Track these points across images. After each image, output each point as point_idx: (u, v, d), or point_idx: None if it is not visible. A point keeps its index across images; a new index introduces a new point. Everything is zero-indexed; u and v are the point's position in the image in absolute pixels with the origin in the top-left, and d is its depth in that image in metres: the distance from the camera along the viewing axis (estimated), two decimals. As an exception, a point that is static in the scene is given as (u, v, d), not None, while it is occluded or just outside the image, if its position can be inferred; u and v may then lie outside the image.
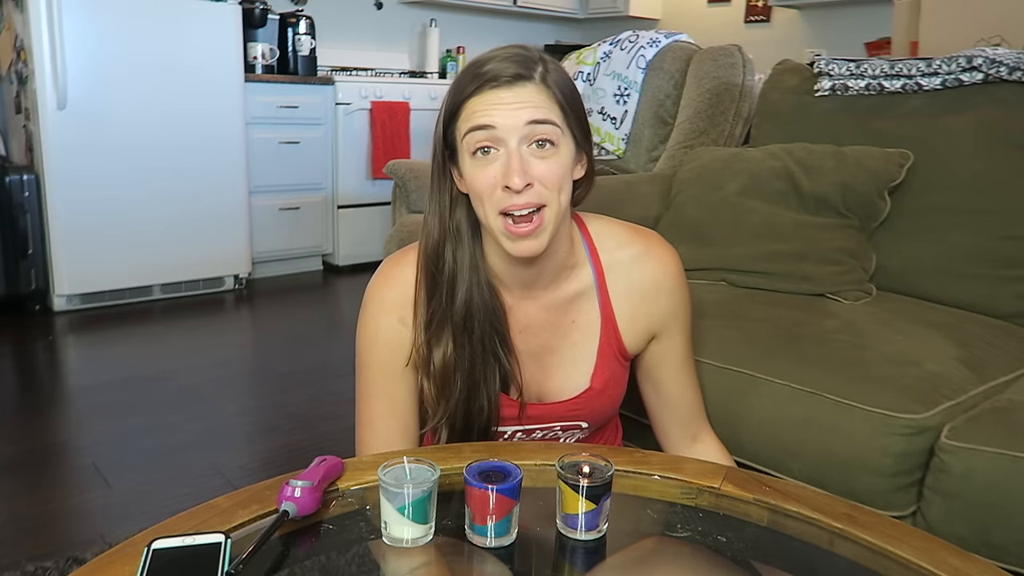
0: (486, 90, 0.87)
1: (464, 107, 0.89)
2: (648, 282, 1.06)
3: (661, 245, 1.08)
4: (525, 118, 0.87)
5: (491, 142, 0.89)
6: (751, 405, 1.26)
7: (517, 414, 1.05)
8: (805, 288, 1.57)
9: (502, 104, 0.87)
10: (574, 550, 0.80)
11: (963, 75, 1.67)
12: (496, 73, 0.87)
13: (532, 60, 0.90)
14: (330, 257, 4.05)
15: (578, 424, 1.10)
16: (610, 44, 2.51)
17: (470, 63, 0.91)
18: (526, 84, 0.88)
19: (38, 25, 2.84)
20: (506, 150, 0.88)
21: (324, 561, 0.77)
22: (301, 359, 2.74)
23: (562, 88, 0.90)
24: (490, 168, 0.89)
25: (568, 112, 0.91)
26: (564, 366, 1.06)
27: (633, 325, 1.06)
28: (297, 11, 4.01)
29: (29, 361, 2.65)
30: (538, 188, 0.89)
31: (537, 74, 0.89)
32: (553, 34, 5.55)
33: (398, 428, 1.05)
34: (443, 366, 0.99)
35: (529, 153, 0.89)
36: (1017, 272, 1.50)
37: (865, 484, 1.15)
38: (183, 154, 3.27)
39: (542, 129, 0.88)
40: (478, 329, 0.99)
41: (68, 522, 1.67)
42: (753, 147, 1.92)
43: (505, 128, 0.87)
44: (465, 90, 0.89)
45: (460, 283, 0.98)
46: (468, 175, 0.92)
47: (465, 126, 0.89)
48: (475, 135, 0.89)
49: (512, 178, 0.87)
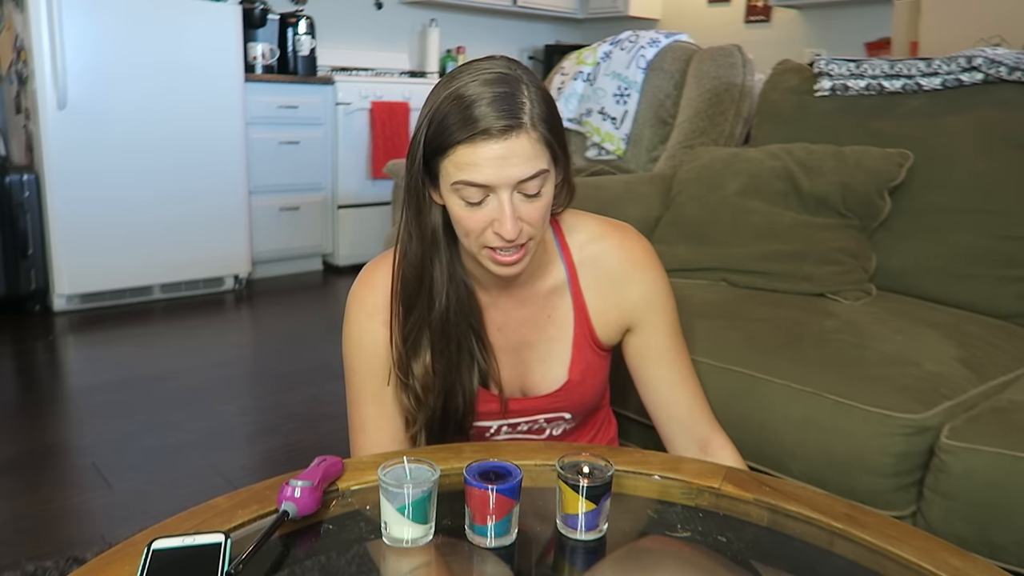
0: (477, 141, 0.86)
1: (453, 151, 0.87)
2: (617, 272, 1.06)
3: (631, 237, 1.09)
4: (517, 176, 0.87)
5: (482, 194, 0.89)
6: (751, 405, 1.26)
7: (499, 409, 1.07)
8: (805, 288, 1.57)
9: (494, 159, 0.86)
10: (574, 550, 0.80)
11: (963, 75, 1.67)
12: (487, 125, 0.85)
13: (519, 99, 0.87)
14: (330, 257, 4.05)
15: (561, 416, 1.11)
16: (610, 44, 2.51)
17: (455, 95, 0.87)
18: (518, 135, 0.86)
19: (38, 25, 2.84)
20: (496, 199, 0.89)
21: (324, 561, 0.77)
22: (301, 359, 2.74)
23: (547, 121, 0.89)
24: (480, 212, 0.90)
25: (554, 146, 0.91)
26: (542, 360, 1.08)
27: (604, 316, 1.07)
28: (297, 11, 4.01)
29: (29, 361, 2.65)
30: (524, 227, 0.91)
31: (526, 118, 0.87)
32: (553, 34, 5.55)
33: (390, 430, 1.06)
34: (423, 375, 1.01)
35: (518, 199, 0.90)
36: (1017, 272, 1.50)
37: (865, 484, 1.15)
38: (183, 154, 3.27)
39: (532, 182, 0.89)
40: (455, 333, 1.01)
41: (68, 522, 1.67)
42: (753, 147, 1.92)
43: (498, 183, 0.88)
44: (454, 135, 0.87)
45: (437, 293, 0.99)
46: (456, 214, 0.92)
47: (457, 175, 0.88)
48: (466, 190, 0.88)
49: (505, 227, 0.88)
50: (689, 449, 1.11)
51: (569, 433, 1.16)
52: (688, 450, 1.11)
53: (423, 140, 0.91)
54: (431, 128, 0.90)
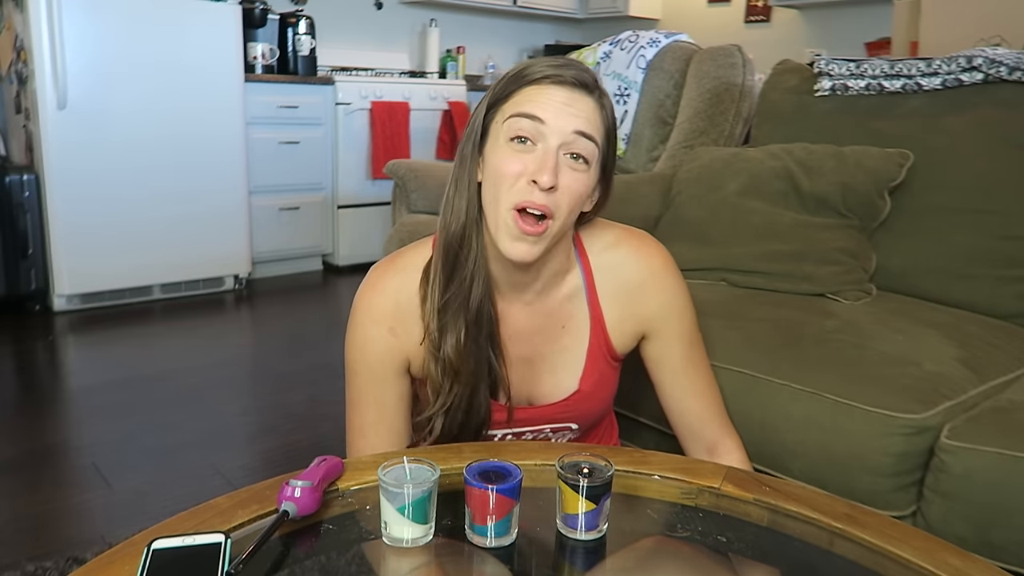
0: (547, 84, 0.88)
1: (519, 92, 0.89)
2: (634, 281, 1.05)
3: (650, 245, 1.08)
4: (575, 126, 0.88)
5: (533, 135, 0.88)
6: (751, 405, 1.26)
7: (506, 418, 1.05)
8: (805, 288, 1.57)
9: (559, 102, 0.87)
10: (574, 550, 0.80)
11: (963, 75, 1.67)
12: (563, 74, 0.88)
13: (596, 80, 0.92)
14: (330, 257, 4.05)
15: (568, 426, 1.10)
16: (610, 44, 2.51)
17: (538, 59, 0.91)
18: (587, 96, 0.89)
19: (38, 25, 2.84)
20: (544, 147, 0.88)
21: (324, 561, 0.77)
22: (301, 359, 2.74)
23: (611, 118, 0.93)
24: (524, 157, 0.89)
25: (609, 142, 0.93)
26: (553, 371, 1.06)
27: (621, 325, 1.06)
28: (297, 11, 4.01)
29: (29, 361, 2.65)
30: (558, 196, 0.89)
31: (598, 92, 0.90)
32: (553, 34, 5.55)
33: (388, 435, 1.05)
34: (456, 354, 0.97)
35: (563, 161, 0.89)
36: (1017, 272, 1.50)
37: (865, 484, 1.15)
38: (183, 154, 3.27)
39: (584, 144, 0.89)
40: (485, 329, 0.99)
41: (68, 522, 1.67)
42: (753, 147, 1.92)
43: (553, 126, 0.87)
44: (526, 76, 0.89)
45: (478, 276, 0.97)
46: (497, 158, 0.90)
47: (513, 109, 0.89)
48: (520, 122, 0.88)
49: (543, 175, 0.87)
50: (698, 453, 1.11)
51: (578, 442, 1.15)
52: (697, 454, 1.11)
53: (490, 94, 0.92)
54: (501, 81, 0.91)
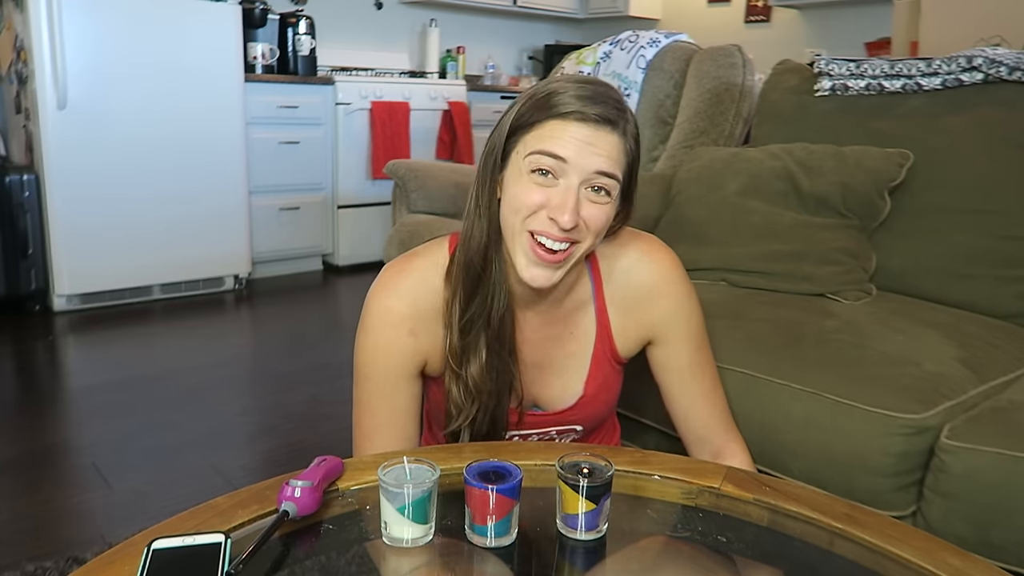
0: (572, 120, 0.87)
1: (542, 124, 0.88)
2: (641, 288, 1.05)
3: (659, 250, 1.08)
4: (597, 166, 0.87)
5: (555, 170, 0.88)
6: (751, 405, 1.26)
7: (516, 421, 1.07)
8: (805, 288, 1.57)
9: (582, 141, 0.87)
10: (574, 550, 0.80)
11: (963, 75, 1.67)
12: (584, 109, 0.86)
13: (621, 108, 0.90)
14: (330, 257, 4.05)
15: (573, 428, 1.11)
16: (610, 44, 2.51)
17: (566, 81, 0.89)
18: (612, 132, 0.88)
19: (38, 25, 2.84)
20: (566, 183, 0.88)
21: (324, 561, 0.77)
22: (301, 359, 2.74)
23: (635, 145, 0.92)
24: (545, 191, 0.89)
25: (629, 174, 0.92)
26: (560, 375, 1.07)
27: (626, 331, 1.07)
28: (297, 11, 4.01)
29: (29, 361, 2.65)
30: (581, 228, 0.90)
31: (623, 124, 0.89)
32: (553, 34, 5.55)
33: (398, 440, 1.04)
34: (479, 372, 0.98)
35: (584, 195, 0.89)
36: (1017, 272, 1.50)
37: (865, 484, 1.15)
38: (183, 154, 3.27)
39: (605, 180, 0.89)
40: (507, 341, 1.00)
41: (68, 522, 1.67)
42: (753, 147, 1.92)
43: (575, 165, 0.87)
44: (553, 108, 0.87)
45: (499, 292, 0.97)
46: (516, 187, 0.91)
47: (536, 145, 0.88)
48: (542, 159, 0.88)
49: (563, 216, 0.87)
50: (703, 457, 1.12)
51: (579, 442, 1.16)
52: (702, 458, 1.11)
53: (513, 115, 0.91)
54: (526, 104, 0.90)
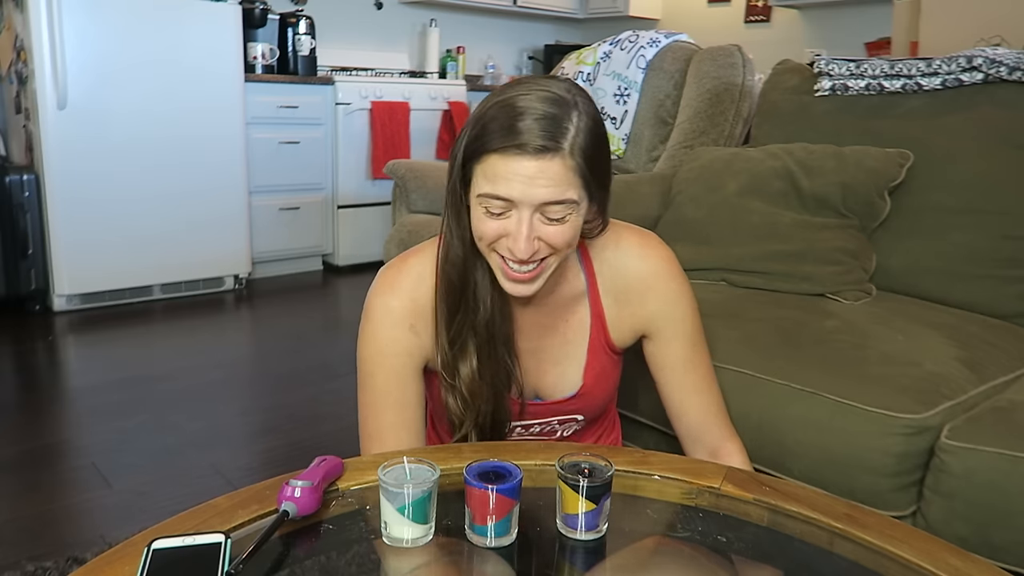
0: (511, 153, 0.86)
1: (487, 158, 0.88)
2: (635, 281, 1.06)
3: (654, 245, 1.08)
4: (543, 197, 0.87)
5: (505, 208, 0.89)
6: (751, 405, 1.26)
7: (518, 411, 1.08)
8: (805, 288, 1.57)
9: (524, 176, 0.86)
10: (574, 550, 0.80)
11: (963, 75, 1.67)
12: (524, 141, 0.85)
13: (564, 124, 0.87)
14: (330, 257, 4.05)
15: (574, 417, 1.12)
16: (610, 44, 2.51)
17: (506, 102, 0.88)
18: (554, 158, 0.86)
19: (38, 25, 2.84)
20: (518, 215, 0.89)
21: (324, 561, 0.77)
22: (301, 359, 2.74)
23: (587, 153, 0.88)
24: (497, 222, 0.90)
25: (589, 179, 0.90)
26: (558, 364, 1.09)
27: (620, 323, 1.08)
28: (297, 11, 4.01)
29: (29, 361, 2.65)
30: (543, 248, 0.91)
31: (566, 144, 0.86)
32: (553, 34, 5.55)
33: (408, 439, 1.03)
34: (470, 380, 1.00)
35: (539, 220, 0.89)
36: (1018, 272, 1.50)
37: (865, 484, 1.15)
38: (183, 154, 3.27)
39: (556, 208, 0.88)
40: (499, 340, 1.01)
41: (68, 522, 1.67)
42: (753, 147, 1.92)
43: (523, 201, 0.88)
44: (493, 141, 0.87)
45: (481, 298, 0.99)
46: (475, 216, 0.92)
47: (484, 186, 0.89)
48: (490, 202, 0.89)
49: (518, 246, 0.88)
50: (699, 456, 1.12)
51: (578, 435, 1.17)
52: (698, 456, 1.11)
53: (465, 141, 0.91)
54: (475, 129, 0.90)
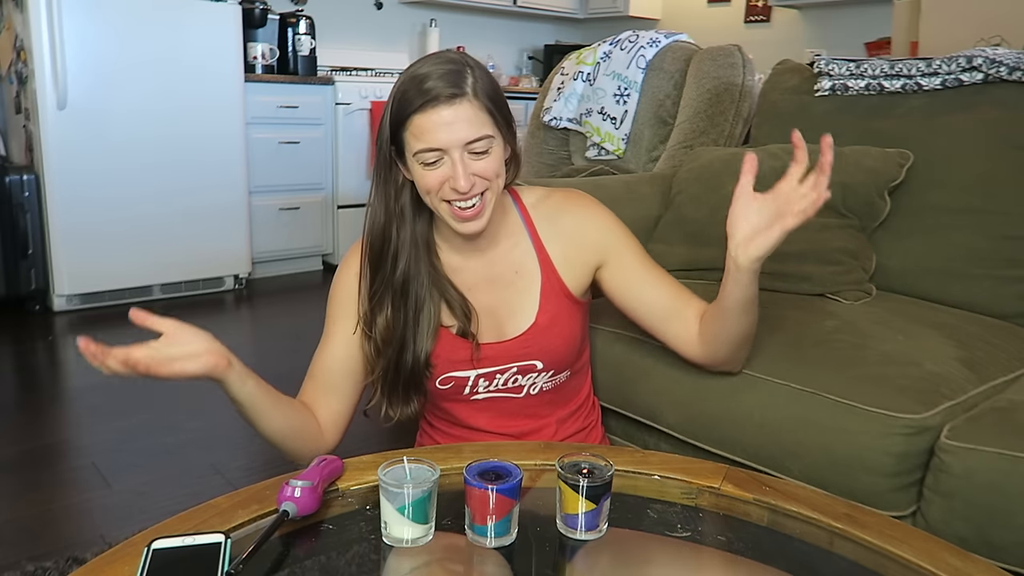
0: (428, 108, 1.01)
1: (411, 121, 1.02)
2: (570, 219, 1.20)
3: (579, 193, 1.24)
4: (464, 137, 1.02)
5: (438, 156, 1.03)
6: (751, 405, 1.26)
7: (470, 356, 1.15)
8: (805, 288, 1.57)
9: (443, 124, 1.01)
10: (574, 550, 0.80)
11: (963, 75, 1.67)
12: (436, 92, 1.00)
13: (463, 74, 1.03)
14: (330, 257, 4.05)
15: (533, 364, 1.17)
16: (610, 44, 2.51)
17: (411, 75, 1.04)
18: (461, 101, 1.01)
19: (38, 25, 2.84)
20: (450, 159, 1.03)
21: (324, 561, 0.77)
22: (301, 359, 2.71)
23: (490, 95, 1.04)
24: (438, 171, 1.04)
25: (497, 116, 1.06)
26: (513, 312, 1.18)
27: (569, 262, 1.19)
28: (297, 11, 4.01)
29: (29, 361, 2.65)
30: (479, 182, 1.05)
31: (468, 88, 1.02)
32: (553, 34, 5.55)
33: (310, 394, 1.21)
34: (384, 329, 1.13)
35: (468, 157, 1.04)
36: (1018, 272, 1.50)
37: (865, 484, 1.15)
38: (183, 154, 3.27)
39: (478, 143, 1.03)
40: (414, 294, 1.13)
41: (68, 522, 1.67)
42: (753, 147, 1.92)
43: (448, 145, 1.02)
44: (411, 104, 1.02)
45: (401, 257, 1.12)
46: (418, 175, 1.06)
47: (415, 144, 1.03)
48: (425, 155, 1.03)
49: (459, 182, 1.02)
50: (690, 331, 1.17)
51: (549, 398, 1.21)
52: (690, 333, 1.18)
53: (388, 116, 1.06)
54: (394, 104, 1.05)
